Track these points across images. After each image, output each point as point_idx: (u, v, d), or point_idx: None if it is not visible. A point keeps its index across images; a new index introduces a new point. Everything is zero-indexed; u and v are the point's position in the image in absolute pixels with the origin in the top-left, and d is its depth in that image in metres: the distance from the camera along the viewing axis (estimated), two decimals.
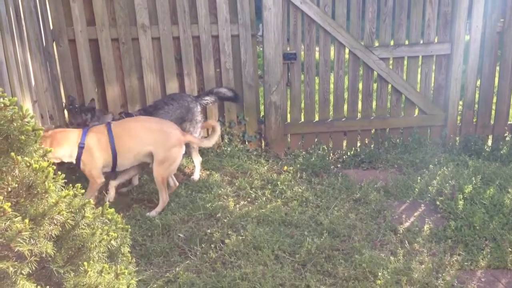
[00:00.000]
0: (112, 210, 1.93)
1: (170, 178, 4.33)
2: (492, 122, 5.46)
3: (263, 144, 5.41)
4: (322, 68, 5.25)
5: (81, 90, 5.08)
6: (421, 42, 5.24)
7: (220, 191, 4.51)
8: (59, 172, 1.70)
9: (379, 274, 3.33)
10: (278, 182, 4.64)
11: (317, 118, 5.43)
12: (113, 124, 4.12)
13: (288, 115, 5.39)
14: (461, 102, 5.46)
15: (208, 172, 4.87)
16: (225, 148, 5.19)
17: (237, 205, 4.32)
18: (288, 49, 5.15)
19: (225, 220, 4.04)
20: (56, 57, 4.96)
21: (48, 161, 1.61)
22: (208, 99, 4.86)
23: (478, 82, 5.38)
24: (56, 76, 4.93)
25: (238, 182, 4.66)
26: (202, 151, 5.13)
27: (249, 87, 5.18)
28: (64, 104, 5.07)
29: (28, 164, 1.54)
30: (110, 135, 4.01)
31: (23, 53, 4.02)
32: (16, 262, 1.50)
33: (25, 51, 4.10)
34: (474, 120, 5.45)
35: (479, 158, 5.08)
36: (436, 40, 5.23)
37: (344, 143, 5.47)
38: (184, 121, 4.71)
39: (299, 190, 4.55)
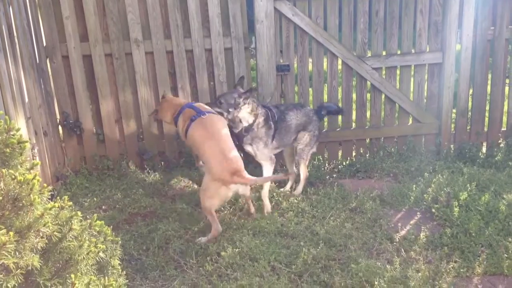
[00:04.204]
0: (101, 222, 1.92)
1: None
2: (486, 129, 5.48)
3: None
4: (315, 79, 5.28)
5: (75, 106, 5.09)
6: (413, 51, 5.27)
7: None
8: (45, 185, 1.70)
9: (376, 283, 3.30)
10: (274, 193, 4.64)
11: None
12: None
13: None
14: (454, 110, 5.48)
15: None
16: None
17: (233, 217, 4.30)
18: (281, 61, 5.18)
19: (221, 233, 4.02)
20: (50, 73, 4.98)
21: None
22: (323, 113, 4.97)
23: (471, 90, 5.41)
24: (50, 92, 4.95)
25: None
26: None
27: None
28: (58, 120, 5.09)
29: (13, 176, 1.54)
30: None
31: (16, 71, 4.04)
32: (1, 275, 1.49)
33: (18, 68, 4.12)
34: (468, 127, 5.47)
35: (473, 165, 5.08)
36: (427, 49, 5.26)
37: (339, 153, 5.48)
38: (305, 131, 4.75)
39: (295, 200, 4.54)
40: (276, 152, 4.72)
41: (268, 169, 4.51)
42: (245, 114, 4.42)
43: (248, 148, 4.50)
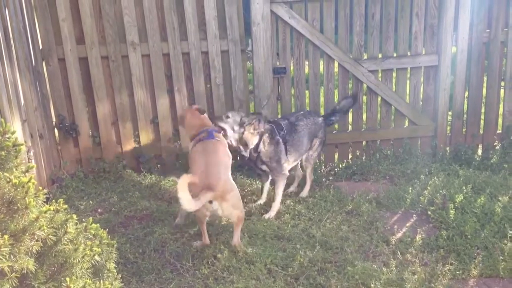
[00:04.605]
0: (97, 225, 1.92)
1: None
2: (481, 131, 5.49)
3: None
4: (312, 82, 5.28)
5: (71, 108, 5.08)
6: (409, 54, 5.30)
7: None
8: (40, 188, 1.69)
9: (372, 285, 3.30)
10: (270, 197, 4.63)
11: None
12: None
13: None
14: (450, 112, 5.50)
15: None
16: None
17: (229, 220, 4.29)
18: (278, 63, 5.19)
19: (217, 236, 4.02)
20: (46, 76, 4.97)
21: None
22: (334, 119, 4.99)
23: (467, 93, 5.42)
24: (46, 95, 4.94)
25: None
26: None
27: (240, 102, 5.19)
28: (54, 123, 5.08)
29: (8, 179, 1.54)
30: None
31: (12, 73, 4.04)
32: None
33: (14, 71, 4.12)
34: (464, 130, 5.48)
35: (469, 168, 5.10)
36: (423, 52, 5.28)
37: (336, 156, 5.48)
38: (316, 137, 4.78)
39: (291, 203, 4.55)
40: (294, 164, 4.73)
41: (280, 185, 4.49)
42: (249, 134, 4.36)
43: (263, 167, 4.50)
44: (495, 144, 5.47)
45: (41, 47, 4.88)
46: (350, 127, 5.49)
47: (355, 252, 3.76)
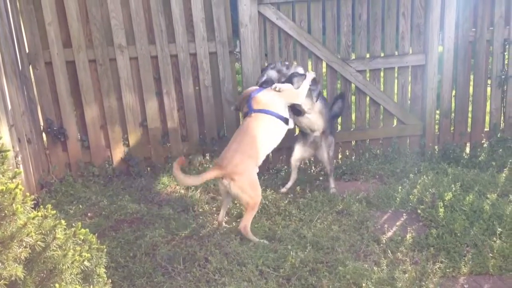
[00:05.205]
0: (86, 230, 1.90)
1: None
2: (469, 129, 5.53)
3: None
4: None
5: (59, 112, 5.04)
6: (396, 53, 5.33)
7: (203, 209, 4.50)
8: (28, 194, 1.68)
9: (363, 285, 3.31)
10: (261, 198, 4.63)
11: (297, 132, 5.44)
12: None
13: None
14: (438, 111, 5.54)
15: (191, 190, 4.84)
16: (207, 165, 5.17)
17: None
18: (266, 64, 5.18)
19: (208, 238, 4.01)
20: (33, 80, 4.93)
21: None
22: (336, 107, 5.08)
23: (454, 91, 5.47)
24: (33, 99, 4.90)
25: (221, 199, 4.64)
26: (184, 169, 5.10)
27: (229, 103, 5.19)
28: (42, 127, 5.04)
29: None
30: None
31: None
32: None
33: (1, 75, 4.08)
34: (452, 128, 5.53)
35: (458, 166, 5.14)
36: (410, 51, 5.32)
37: None
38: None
39: (282, 204, 4.54)
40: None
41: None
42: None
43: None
44: (482, 142, 5.52)
45: (27, 51, 4.84)
46: (339, 127, 5.50)
47: (346, 252, 3.76)
